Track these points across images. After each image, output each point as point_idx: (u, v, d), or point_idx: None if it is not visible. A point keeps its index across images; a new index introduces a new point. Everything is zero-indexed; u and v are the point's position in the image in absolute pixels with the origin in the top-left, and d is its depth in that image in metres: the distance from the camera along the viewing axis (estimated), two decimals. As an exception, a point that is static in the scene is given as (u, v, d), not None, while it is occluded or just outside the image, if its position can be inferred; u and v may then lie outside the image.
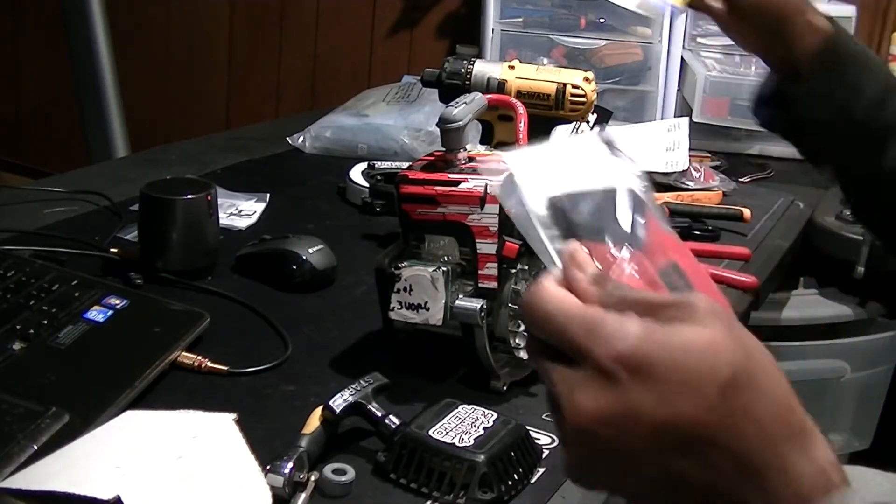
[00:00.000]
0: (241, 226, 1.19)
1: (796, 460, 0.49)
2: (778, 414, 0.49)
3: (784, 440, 0.49)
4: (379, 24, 2.63)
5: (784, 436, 0.49)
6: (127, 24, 2.71)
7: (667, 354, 0.48)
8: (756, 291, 1.14)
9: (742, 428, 0.48)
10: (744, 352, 0.49)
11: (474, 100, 0.88)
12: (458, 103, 0.86)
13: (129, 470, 0.61)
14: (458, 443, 0.69)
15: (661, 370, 0.48)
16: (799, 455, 0.49)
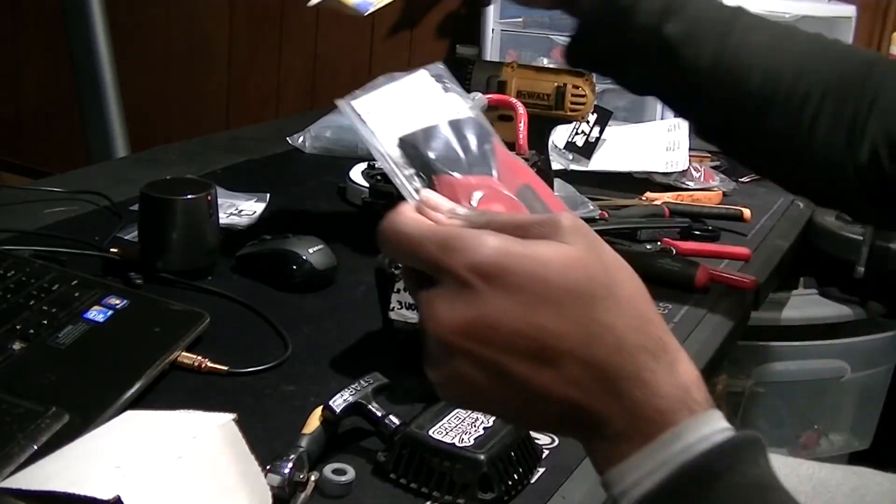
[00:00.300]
0: (241, 226, 1.19)
1: (658, 374, 0.49)
2: (638, 327, 0.49)
3: (644, 353, 0.49)
4: (379, 24, 2.63)
5: (644, 348, 0.49)
6: (127, 24, 2.71)
7: (524, 265, 0.48)
8: (756, 291, 1.14)
9: (601, 340, 0.48)
10: (603, 267, 0.50)
11: (474, 100, 0.88)
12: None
13: (129, 470, 0.61)
14: (458, 443, 0.69)
15: (518, 279, 0.48)
16: (660, 369, 0.49)
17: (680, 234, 1.26)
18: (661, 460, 0.48)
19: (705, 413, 0.49)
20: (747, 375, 1.70)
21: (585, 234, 0.50)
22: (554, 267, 0.49)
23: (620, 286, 0.50)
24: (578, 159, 1.49)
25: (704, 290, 1.09)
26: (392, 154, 0.56)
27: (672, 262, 1.12)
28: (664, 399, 0.48)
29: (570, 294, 0.49)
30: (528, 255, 0.49)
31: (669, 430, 0.48)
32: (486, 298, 0.48)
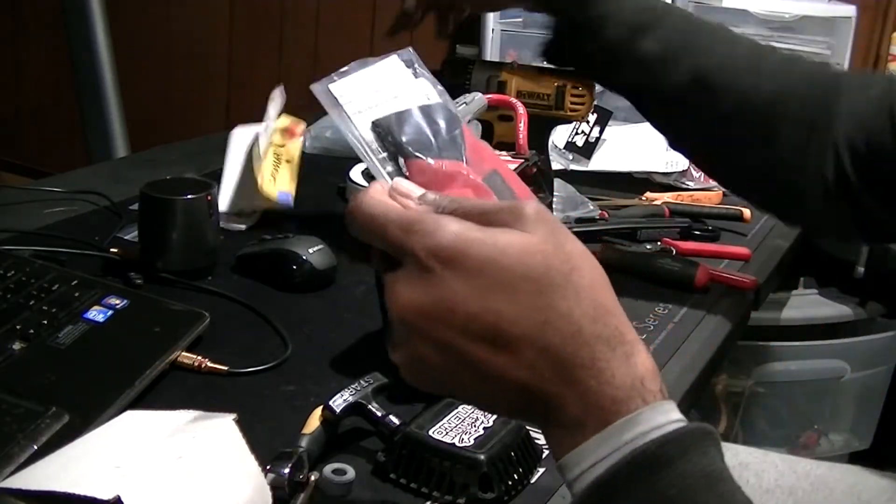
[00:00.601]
0: (241, 226, 1.19)
1: (613, 363, 0.50)
2: (595, 317, 0.50)
3: (600, 342, 0.50)
4: (379, 24, 2.63)
5: (600, 338, 0.50)
6: (127, 24, 2.71)
7: (481, 251, 0.50)
8: (756, 291, 1.14)
9: (556, 327, 0.50)
10: (562, 255, 0.51)
11: (474, 100, 0.88)
12: (458, 103, 0.86)
13: (129, 470, 0.61)
14: (458, 443, 0.69)
15: (475, 264, 0.50)
16: (616, 359, 0.50)
17: (680, 234, 1.26)
18: (614, 446, 0.49)
19: (659, 403, 0.50)
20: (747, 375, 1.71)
21: (548, 222, 0.51)
22: (511, 253, 0.50)
23: (579, 275, 0.51)
24: (578, 159, 1.49)
25: (704, 290, 1.09)
26: (365, 137, 0.58)
27: (672, 262, 1.12)
28: (618, 388, 0.49)
29: (526, 280, 0.50)
30: (486, 240, 0.50)
31: (623, 417, 0.49)
32: (444, 282, 0.50)
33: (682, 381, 0.91)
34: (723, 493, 0.49)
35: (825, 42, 1.84)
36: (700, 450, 0.49)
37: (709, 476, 0.48)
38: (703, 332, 1.01)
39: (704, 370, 0.95)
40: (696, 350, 0.97)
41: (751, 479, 1.01)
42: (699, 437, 0.49)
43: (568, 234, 0.52)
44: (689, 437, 0.49)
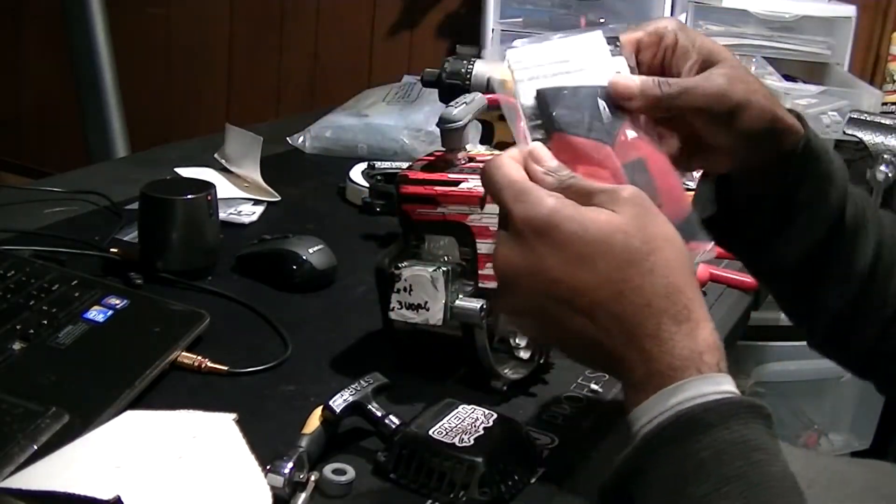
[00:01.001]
0: (242, 225, 1.19)
1: (676, 336, 0.56)
2: (665, 294, 0.56)
3: (667, 316, 0.56)
4: (379, 24, 2.63)
5: (667, 312, 0.56)
6: (127, 24, 2.70)
7: (569, 226, 0.57)
8: (756, 291, 1.14)
9: (629, 298, 0.56)
10: (644, 237, 0.57)
11: (474, 100, 0.88)
12: (458, 103, 0.86)
13: (129, 470, 0.61)
14: (458, 443, 0.68)
15: (563, 237, 0.57)
16: (680, 332, 0.56)
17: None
18: (665, 407, 0.55)
19: (712, 375, 0.55)
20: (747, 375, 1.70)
21: (639, 206, 0.58)
22: (594, 230, 0.57)
23: (658, 256, 0.57)
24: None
25: (704, 290, 1.09)
26: (525, 102, 0.63)
27: (672, 262, 1.11)
28: (676, 358, 0.55)
29: (606, 255, 0.56)
30: (575, 217, 0.57)
31: (676, 383, 0.55)
32: (535, 249, 0.58)
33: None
34: (757, 462, 0.53)
35: (825, 42, 1.84)
36: (741, 420, 0.53)
37: (745, 444, 0.53)
38: (703, 332, 1.01)
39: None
40: (696, 350, 0.97)
41: None
42: (743, 409, 0.54)
43: (657, 219, 0.58)
44: (733, 408, 0.54)
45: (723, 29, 1.84)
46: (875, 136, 1.55)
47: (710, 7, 1.82)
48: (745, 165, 0.78)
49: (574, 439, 0.76)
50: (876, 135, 1.55)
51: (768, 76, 1.74)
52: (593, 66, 0.66)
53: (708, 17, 1.84)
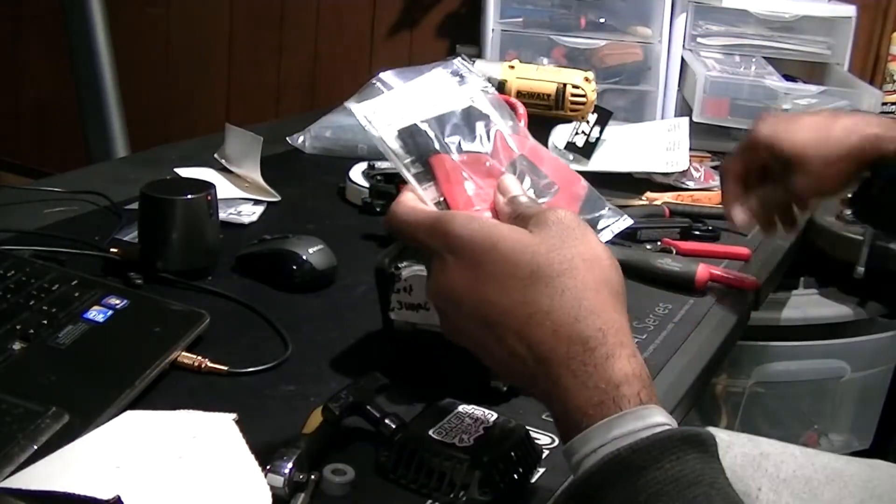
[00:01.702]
0: (242, 225, 1.19)
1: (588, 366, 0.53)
2: (576, 317, 0.53)
3: (577, 343, 0.53)
4: (379, 24, 2.63)
5: (578, 338, 0.53)
6: (127, 24, 2.70)
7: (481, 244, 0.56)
8: (756, 291, 1.14)
9: (538, 323, 0.54)
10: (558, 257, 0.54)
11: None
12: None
13: (129, 470, 0.61)
14: (458, 443, 0.68)
15: (475, 256, 0.56)
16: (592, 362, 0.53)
17: (680, 234, 1.26)
18: (591, 448, 0.52)
19: (635, 409, 0.52)
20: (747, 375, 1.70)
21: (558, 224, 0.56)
22: (503, 248, 0.55)
23: (569, 276, 0.54)
24: (578, 159, 1.49)
25: (704, 290, 1.09)
26: (392, 147, 0.64)
27: (672, 262, 1.12)
28: (592, 391, 0.52)
29: (514, 276, 0.55)
30: (485, 235, 0.56)
31: (598, 421, 0.52)
32: (454, 272, 0.57)
33: (682, 381, 0.91)
34: (695, 497, 0.49)
35: (825, 42, 1.84)
36: (674, 455, 0.50)
37: (678, 481, 0.49)
38: (703, 332, 1.01)
39: (704, 370, 0.95)
40: (696, 350, 0.97)
41: (769, 468, 1.02)
42: (673, 443, 0.50)
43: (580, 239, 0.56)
44: (662, 443, 0.50)
45: (723, 29, 1.84)
46: (875, 136, 1.55)
47: (710, 7, 1.82)
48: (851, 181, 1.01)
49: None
50: (876, 135, 1.55)
51: (768, 76, 1.74)
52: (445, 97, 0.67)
53: (708, 17, 1.84)
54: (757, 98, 1.69)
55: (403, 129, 0.64)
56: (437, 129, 0.65)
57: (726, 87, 1.71)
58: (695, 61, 1.78)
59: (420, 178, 0.63)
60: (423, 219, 0.60)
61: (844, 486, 0.98)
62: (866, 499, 0.96)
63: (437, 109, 0.66)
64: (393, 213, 0.62)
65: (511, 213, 0.60)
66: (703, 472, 0.50)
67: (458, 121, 0.66)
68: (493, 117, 0.67)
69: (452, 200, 0.63)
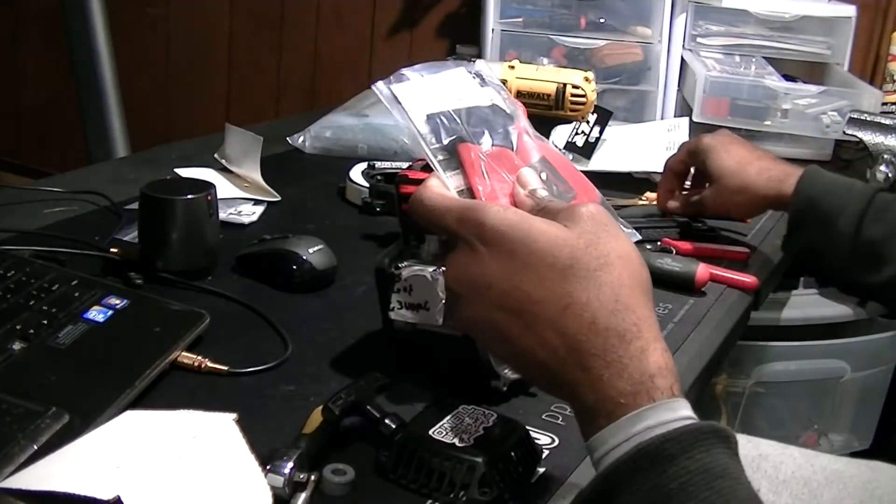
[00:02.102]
0: (242, 225, 1.19)
1: (624, 358, 0.54)
2: (613, 311, 0.54)
3: (614, 335, 0.54)
4: (379, 24, 2.63)
5: (615, 331, 0.54)
6: (127, 24, 2.71)
7: (516, 235, 0.56)
8: (756, 291, 1.14)
9: (575, 314, 0.55)
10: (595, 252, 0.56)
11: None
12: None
13: (129, 470, 0.61)
14: (458, 443, 0.69)
15: (511, 246, 0.56)
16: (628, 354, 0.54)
17: (680, 234, 1.25)
18: (622, 438, 0.53)
19: (668, 401, 0.54)
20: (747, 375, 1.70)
21: (594, 221, 0.57)
22: (541, 240, 0.56)
23: (607, 272, 0.55)
24: (578, 159, 1.49)
25: (704, 290, 1.09)
26: (421, 129, 0.64)
27: (672, 262, 1.12)
28: (626, 382, 0.54)
29: (552, 268, 0.55)
30: (521, 227, 0.57)
31: (631, 412, 0.53)
32: (485, 260, 0.57)
33: (682, 381, 0.90)
34: (721, 489, 0.51)
35: (825, 42, 1.84)
36: (703, 447, 0.52)
37: (708, 472, 0.51)
38: (703, 332, 1.01)
39: (704, 370, 0.95)
40: (696, 350, 0.97)
41: (769, 469, 1.02)
42: (703, 434, 0.52)
43: (614, 235, 0.57)
44: (693, 434, 0.52)
45: (723, 29, 1.84)
46: (875, 136, 1.55)
47: (710, 7, 1.82)
48: None
49: (574, 439, 0.76)
50: (876, 135, 1.55)
51: (768, 76, 1.74)
52: (469, 94, 0.69)
53: (708, 17, 1.84)
54: (757, 98, 1.69)
55: (433, 113, 0.65)
56: (465, 119, 0.65)
57: (726, 87, 1.71)
58: (695, 61, 1.78)
59: (445, 165, 0.64)
60: (453, 205, 0.60)
61: (844, 488, 0.98)
62: (866, 500, 0.96)
63: (463, 102, 0.67)
64: (420, 198, 0.62)
65: (534, 206, 0.60)
66: (728, 466, 0.52)
67: (485, 116, 0.67)
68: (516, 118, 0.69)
69: (477, 191, 0.64)
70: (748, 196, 1.16)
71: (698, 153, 1.21)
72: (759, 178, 1.15)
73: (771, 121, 1.68)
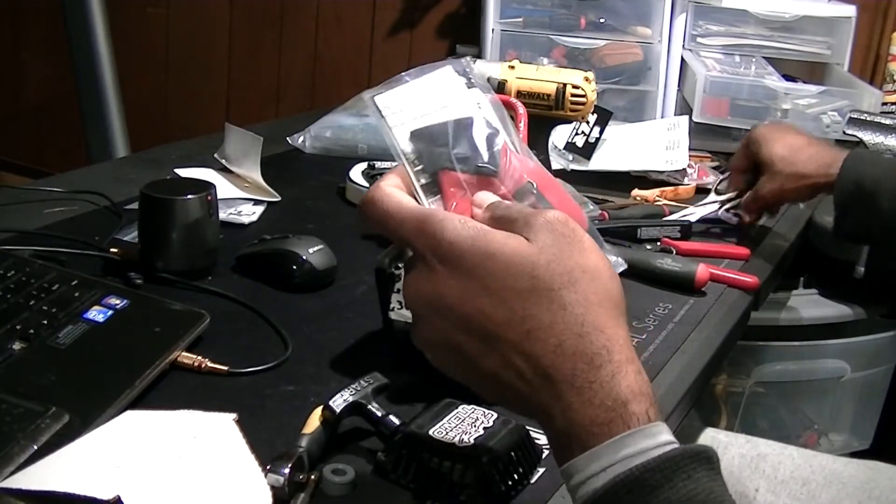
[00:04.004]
0: (242, 225, 1.19)
1: (594, 384, 0.50)
2: (580, 333, 0.51)
3: (582, 359, 0.51)
4: (379, 24, 2.63)
5: (583, 355, 0.51)
6: (127, 24, 2.71)
7: (473, 254, 0.52)
8: (756, 291, 1.14)
9: (538, 338, 0.51)
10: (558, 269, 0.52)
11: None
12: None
13: (129, 470, 0.61)
14: (458, 443, 0.69)
15: (468, 266, 0.52)
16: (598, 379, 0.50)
17: (680, 234, 1.25)
18: (599, 467, 0.50)
19: (645, 427, 0.50)
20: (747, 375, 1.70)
21: (556, 232, 0.53)
22: (500, 258, 0.52)
23: (571, 290, 0.52)
24: (578, 159, 1.49)
25: (704, 290, 1.09)
26: (404, 148, 0.61)
27: (672, 262, 1.12)
28: (598, 409, 0.50)
29: (513, 288, 0.52)
30: (479, 244, 0.52)
31: (607, 440, 0.50)
32: (443, 280, 0.53)
33: (682, 381, 0.91)
34: None
35: (825, 42, 1.84)
36: (684, 473, 0.49)
37: (691, 500, 0.49)
38: (703, 332, 1.01)
39: (704, 370, 0.95)
40: (696, 350, 0.97)
41: (767, 469, 1.03)
42: (685, 461, 0.49)
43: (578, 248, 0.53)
44: (674, 461, 0.49)
45: (723, 29, 1.84)
46: (875, 136, 1.55)
47: (710, 7, 1.82)
48: None
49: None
50: (876, 135, 1.56)
51: (768, 76, 1.74)
52: (455, 101, 0.64)
53: (708, 17, 1.84)
54: (757, 98, 1.69)
55: (416, 130, 0.62)
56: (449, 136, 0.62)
57: (726, 86, 1.71)
58: (695, 61, 1.78)
59: (427, 189, 0.60)
60: (409, 215, 0.55)
61: (843, 488, 0.98)
62: (864, 500, 0.96)
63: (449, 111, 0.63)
64: (374, 201, 0.57)
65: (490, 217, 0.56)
66: (712, 490, 0.50)
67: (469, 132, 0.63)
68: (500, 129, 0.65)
69: None
70: (800, 182, 1.19)
71: (751, 143, 1.24)
72: (810, 164, 1.17)
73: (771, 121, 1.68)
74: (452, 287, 0.53)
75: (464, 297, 0.52)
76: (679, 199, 1.43)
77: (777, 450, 1.07)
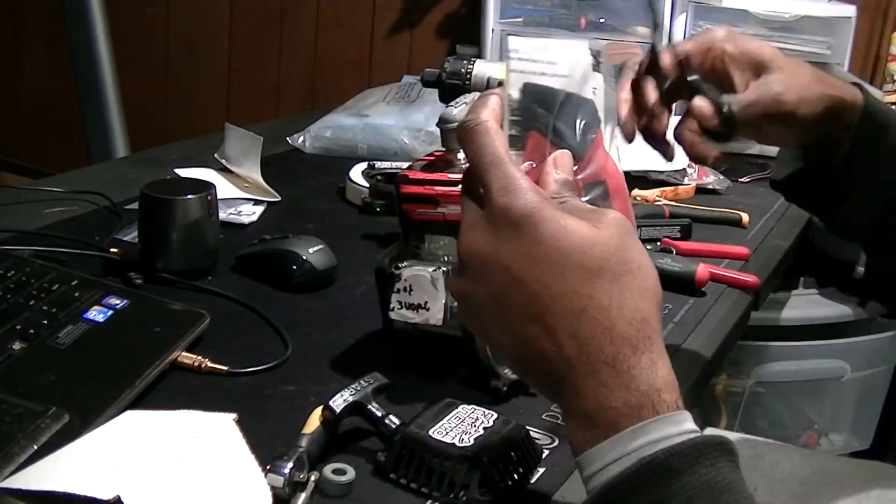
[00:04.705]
0: (242, 225, 1.19)
1: (634, 369, 0.52)
2: (631, 320, 0.53)
3: (628, 345, 0.53)
4: (379, 24, 2.63)
5: (629, 341, 0.53)
6: (127, 24, 2.71)
7: (548, 226, 0.54)
8: (756, 291, 1.14)
9: (592, 318, 0.53)
10: (621, 258, 0.54)
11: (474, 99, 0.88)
12: (458, 103, 0.86)
13: (129, 470, 0.61)
14: (458, 443, 0.68)
15: (539, 236, 0.54)
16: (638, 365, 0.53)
17: (680, 234, 1.26)
18: (624, 451, 0.51)
19: (672, 414, 0.52)
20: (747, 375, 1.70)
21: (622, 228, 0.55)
22: (573, 238, 0.54)
23: (630, 280, 0.54)
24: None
25: (704, 290, 1.09)
26: (513, 94, 0.61)
27: (672, 262, 1.12)
28: (633, 393, 0.52)
29: (579, 267, 0.53)
30: (556, 220, 0.54)
31: (635, 424, 0.51)
32: (508, 241, 0.54)
33: (682, 381, 0.90)
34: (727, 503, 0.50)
35: (825, 42, 1.84)
36: (708, 461, 0.50)
37: (713, 487, 0.50)
38: (703, 332, 1.01)
39: (704, 370, 0.95)
40: (696, 350, 0.97)
41: (766, 469, 1.03)
42: (708, 448, 0.51)
43: (637, 246, 0.56)
44: (698, 448, 0.51)
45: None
46: (875, 135, 1.55)
47: (710, 7, 1.82)
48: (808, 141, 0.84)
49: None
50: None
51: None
52: (576, 77, 0.65)
53: (708, 17, 1.84)
54: (757, 98, 1.69)
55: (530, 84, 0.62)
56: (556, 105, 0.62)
57: (726, 87, 1.70)
58: (695, 61, 1.78)
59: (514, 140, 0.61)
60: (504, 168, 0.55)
61: (842, 488, 0.98)
62: (864, 500, 0.96)
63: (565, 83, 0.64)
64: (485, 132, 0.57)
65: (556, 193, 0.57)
66: (734, 480, 0.51)
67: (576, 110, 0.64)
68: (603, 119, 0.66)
69: None
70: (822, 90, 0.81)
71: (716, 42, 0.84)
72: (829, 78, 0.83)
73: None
74: (514, 251, 0.54)
75: (526, 262, 0.54)
76: (679, 198, 1.43)
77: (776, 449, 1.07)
